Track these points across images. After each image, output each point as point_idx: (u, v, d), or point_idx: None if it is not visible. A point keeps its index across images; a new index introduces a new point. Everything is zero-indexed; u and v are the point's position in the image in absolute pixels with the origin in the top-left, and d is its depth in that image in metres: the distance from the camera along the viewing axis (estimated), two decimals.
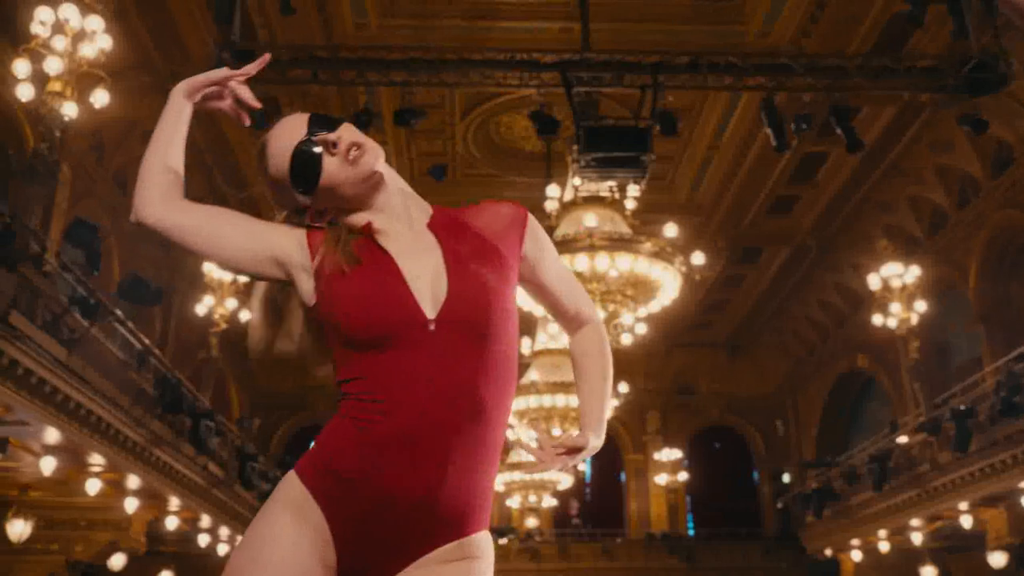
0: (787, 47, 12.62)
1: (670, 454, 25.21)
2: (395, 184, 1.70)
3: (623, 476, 26.98)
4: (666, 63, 9.24)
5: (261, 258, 1.68)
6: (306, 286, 1.66)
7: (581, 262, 10.26)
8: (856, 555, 17.15)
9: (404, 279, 1.59)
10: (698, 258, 11.50)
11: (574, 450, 1.74)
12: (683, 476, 25.34)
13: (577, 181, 10.47)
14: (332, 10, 14.06)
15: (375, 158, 1.63)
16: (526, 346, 16.00)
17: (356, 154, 1.62)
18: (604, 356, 1.87)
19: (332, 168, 1.63)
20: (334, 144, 1.62)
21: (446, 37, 14.42)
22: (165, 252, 18.01)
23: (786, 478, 24.79)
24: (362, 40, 14.63)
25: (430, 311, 1.57)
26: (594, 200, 11.21)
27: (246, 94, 1.80)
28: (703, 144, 17.94)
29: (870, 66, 9.41)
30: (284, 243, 1.69)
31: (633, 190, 11.08)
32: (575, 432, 1.81)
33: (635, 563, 23.61)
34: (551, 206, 11.97)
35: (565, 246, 10.14)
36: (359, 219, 1.66)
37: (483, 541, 1.59)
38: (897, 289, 14.18)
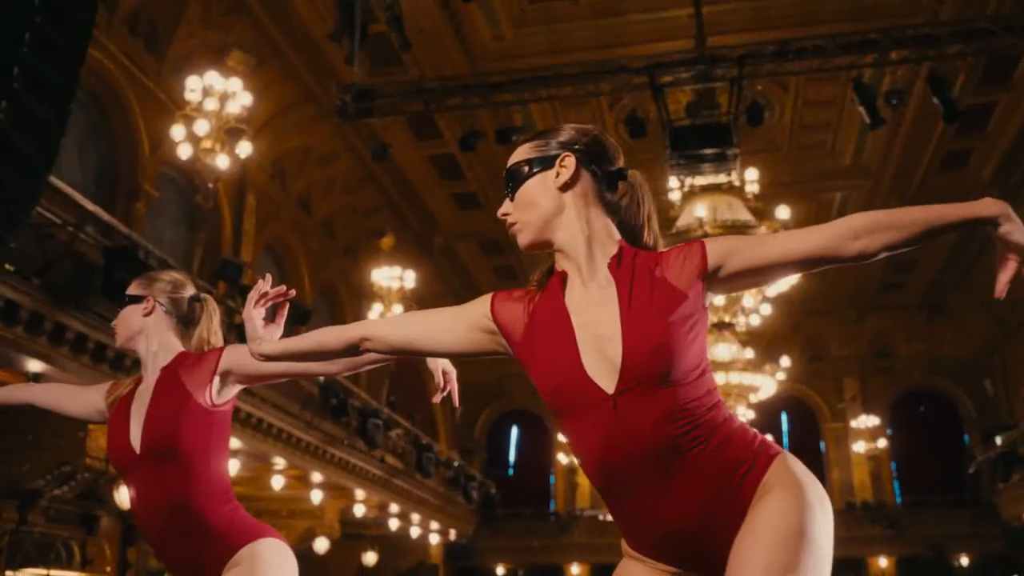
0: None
1: (867, 421, 24.66)
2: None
3: (823, 445, 26.54)
4: (752, 53, 9.46)
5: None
6: None
7: None
8: None
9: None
10: None
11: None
12: (882, 443, 24.69)
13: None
14: (468, 29, 14.98)
15: None
16: None
17: None
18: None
19: None
20: None
21: (577, 39, 15.04)
22: (352, 262, 19.75)
23: (999, 441, 23.60)
24: (500, 51, 15.52)
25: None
26: (712, 188, 11.50)
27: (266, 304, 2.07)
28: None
29: (961, 32, 9.19)
30: None
31: (752, 173, 11.26)
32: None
33: (836, 533, 23.15)
34: (674, 196, 12.36)
35: (678, 237, 10.54)
36: None
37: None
38: None
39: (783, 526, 1.61)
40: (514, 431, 28.28)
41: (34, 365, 7.61)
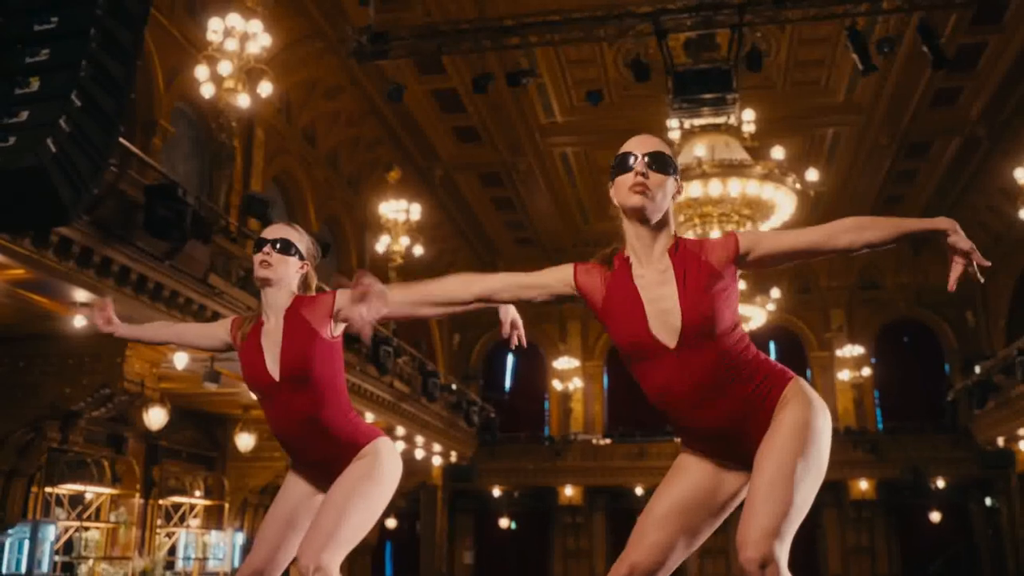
0: None
1: (853, 350, 25.49)
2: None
3: (809, 373, 27.40)
4: (752, 1, 9.87)
5: None
6: None
7: (695, 189, 11.19)
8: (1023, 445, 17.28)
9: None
10: (812, 174, 12.07)
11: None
12: (866, 371, 25.57)
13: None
14: None
15: None
16: None
17: None
18: None
19: None
20: None
21: None
22: (355, 194, 20.21)
23: (978, 370, 24.46)
24: None
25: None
26: (710, 128, 11.99)
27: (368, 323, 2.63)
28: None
29: None
30: None
31: (748, 114, 11.74)
32: None
33: None
34: (674, 136, 12.84)
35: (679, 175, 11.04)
36: None
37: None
38: None
39: (796, 424, 2.29)
40: (509, 359, 29.03)
41: (81, 295, 8.18)
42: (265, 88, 10.69)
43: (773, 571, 2.11)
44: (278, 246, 2.99)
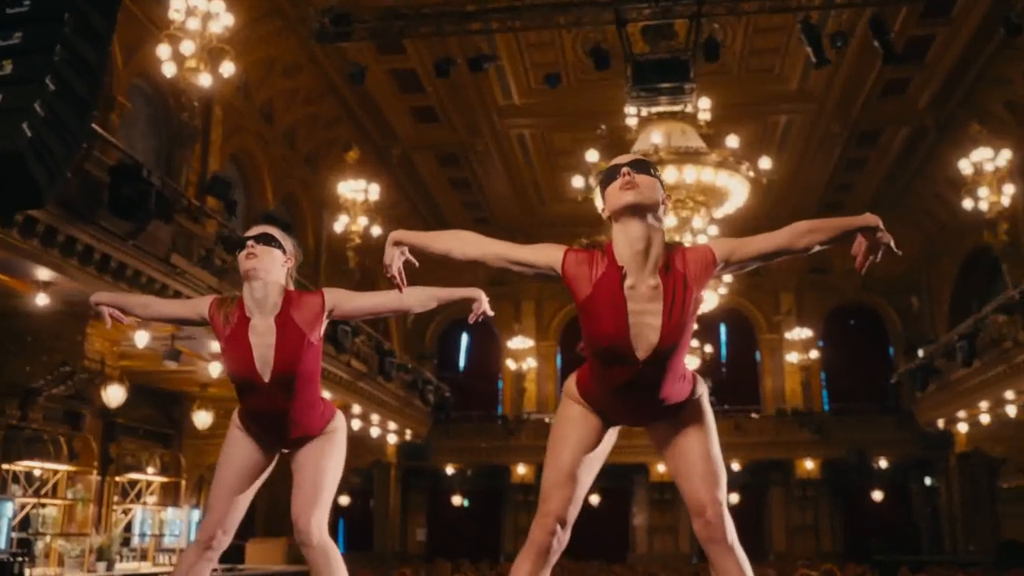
0: None
1: (801, 333, 26.04)
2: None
3: (758, 355, 27.94)
4: None
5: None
6: None
7: None
8: (963, 427, 17.89)
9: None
10: (765, 162, 12.37)
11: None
12: (814, 354, 26.16)
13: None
14: None
15: None
16: None
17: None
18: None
19: None
20: None
21: None
22: (312, 172, 20.19)
23: (920, 354, 25.13)
24: None
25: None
26: (667, 115, 12.23)
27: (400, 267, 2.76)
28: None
29: None
30: None
31: (704, 102, 12.00)
32: None
33: (766, 437, 24.75)
34: (631, 122, 13.06)
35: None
36: None
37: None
38: (989, 173, 14.55)
39: (702, 410, 2.84)
40: (464, 338, 29.19)
41: (44, 274, 8.20)
42: (227, 68, 10.69)
43: (727, 515, 2.73)
44: (261, 240, 3.12)
